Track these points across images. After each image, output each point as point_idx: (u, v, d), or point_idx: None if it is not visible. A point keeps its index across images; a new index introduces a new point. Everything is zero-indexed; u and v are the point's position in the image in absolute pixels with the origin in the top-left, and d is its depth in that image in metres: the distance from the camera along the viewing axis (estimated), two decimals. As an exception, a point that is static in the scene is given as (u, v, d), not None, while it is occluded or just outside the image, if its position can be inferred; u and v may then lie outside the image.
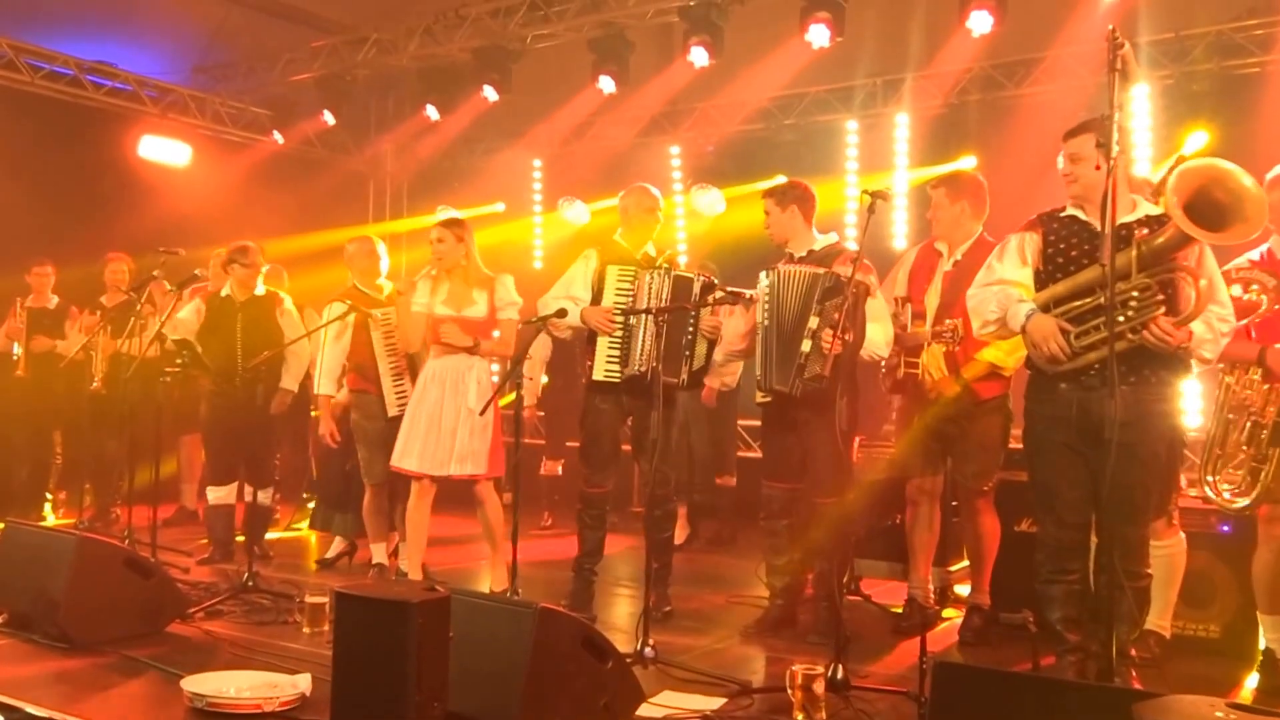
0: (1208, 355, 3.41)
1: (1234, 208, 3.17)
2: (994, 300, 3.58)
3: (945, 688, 2.52)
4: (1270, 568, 3.78)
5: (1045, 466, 3.57)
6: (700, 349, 4.66)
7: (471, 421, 4.88)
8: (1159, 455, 3.49)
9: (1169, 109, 6.79)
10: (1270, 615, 3.82)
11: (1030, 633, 3.23)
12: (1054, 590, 3.51)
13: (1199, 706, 2.02)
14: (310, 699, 3.41)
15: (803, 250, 4.53)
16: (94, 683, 3.69)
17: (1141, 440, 3.37)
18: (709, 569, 6.13)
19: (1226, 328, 3.42)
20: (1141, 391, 3.39)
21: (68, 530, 5.02)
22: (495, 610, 3.18)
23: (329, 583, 4.82)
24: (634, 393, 4.70)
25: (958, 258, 4.54)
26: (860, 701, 3.46)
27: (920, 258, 4.73)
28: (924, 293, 4.57)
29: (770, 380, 4.32)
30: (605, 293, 4.74)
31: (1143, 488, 3.44)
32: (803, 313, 4.24)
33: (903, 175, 7.96)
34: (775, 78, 7.94)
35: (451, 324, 4.95)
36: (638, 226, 4.93)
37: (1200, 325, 3.35)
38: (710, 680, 3.73)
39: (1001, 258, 3.65)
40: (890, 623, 4.78)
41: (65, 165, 8.10)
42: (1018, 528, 4.65)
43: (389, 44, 8.60)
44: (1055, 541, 3.52)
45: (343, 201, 9.86)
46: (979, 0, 6.32)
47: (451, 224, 5.19)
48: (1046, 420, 3.53)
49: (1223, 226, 3.18)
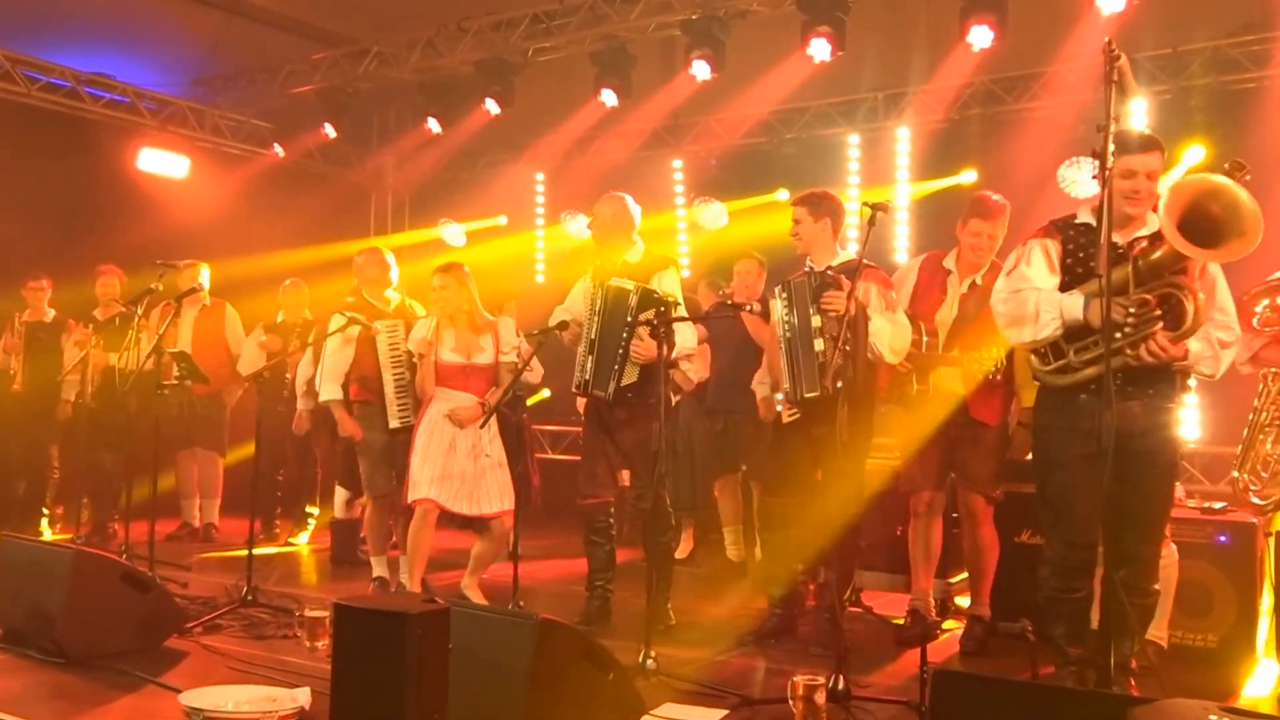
0: (1206, 371, 3.43)
1: (1230, 223, 3.16)
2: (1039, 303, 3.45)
3: (945, 696, 2.55)
4: None
5: (1060, 481, 3.51)
6: (629, 368, 4.70)
7: (490, 459, 5.13)
8: (1175, 465, 3.53)
9: (1166, 124, 6.83)
10: None
11: (1029, 642, 3.25)
12: (1059, 608, 3.50)
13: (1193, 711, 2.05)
14: (309, 713, 3.42)
15: (823, 265, 4.52)
16: (90, 697, 3.70)
17: (1161, 450, 3.42)
18: (711, 582, 6.14)
19: (1230, 337, 3.42)
20: (1159, 401, 3.43)
21: (65, 545, 5.04)
22: (495, 622, 3.21)
23: (329, 596, 4.85)
24: (615, 405, 4.77)
25: (976, 281, 4.56)
26: (861, 712, 3.49)
27: (925, 275, 4.74)
28: (934, 311, 4.60)
29: (800, 391, 4.29)
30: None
31: (1159, 498, 3.47)
32: (810, 316, 4.28)
33: (904, 189, 8.01)
34: (777, 91, 7.99)
35: (463, 410, 5.12)
36: (615, 235, 4.98)
37: (1198, 342, 3.36)
38: (712, 691, 3.76)
39: (1029, 263, 3.56)
40: (892, 634, 4.80)
41: (63, 178, 8.13)
42: (1016, 539, 4.70)
43: (390, 57, 8.66)
44: (1063, 560, 3.49)
45: (344, 215, 9.90)
46: (979, 15, 6.38)
47: (451, 269, 5.31)
48: (1063, 433, 3.47)
49: (1219, 243, 3.17)
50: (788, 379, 4.37)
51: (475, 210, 9.83)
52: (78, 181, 8.28)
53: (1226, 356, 3.45)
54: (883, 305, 4.34)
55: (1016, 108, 7.55)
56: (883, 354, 4.31)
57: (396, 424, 5.47)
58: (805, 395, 4.27)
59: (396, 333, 5.54)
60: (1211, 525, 4.39)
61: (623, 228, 4.99)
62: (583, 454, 5.08)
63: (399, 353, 5.51)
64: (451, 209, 9.93)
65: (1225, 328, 3.43)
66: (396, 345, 5.52)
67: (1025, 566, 4.44)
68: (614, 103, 7.85)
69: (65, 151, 8.24)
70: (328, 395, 5.63)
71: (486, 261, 9.25)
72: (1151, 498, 3.42)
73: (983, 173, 7.45)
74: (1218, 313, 3.42)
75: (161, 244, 7.34)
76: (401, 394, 5.51)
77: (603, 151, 9.19)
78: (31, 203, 7.86)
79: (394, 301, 5.82)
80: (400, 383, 5.52)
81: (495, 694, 3.00)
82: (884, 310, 4.34)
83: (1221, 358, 3.44)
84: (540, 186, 9.85)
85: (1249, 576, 4.32)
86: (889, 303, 4.36)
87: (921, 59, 7.88)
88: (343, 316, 5.54)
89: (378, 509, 5.66)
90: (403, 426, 5.46)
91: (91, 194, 8.37)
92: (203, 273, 7.26)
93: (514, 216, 9.80)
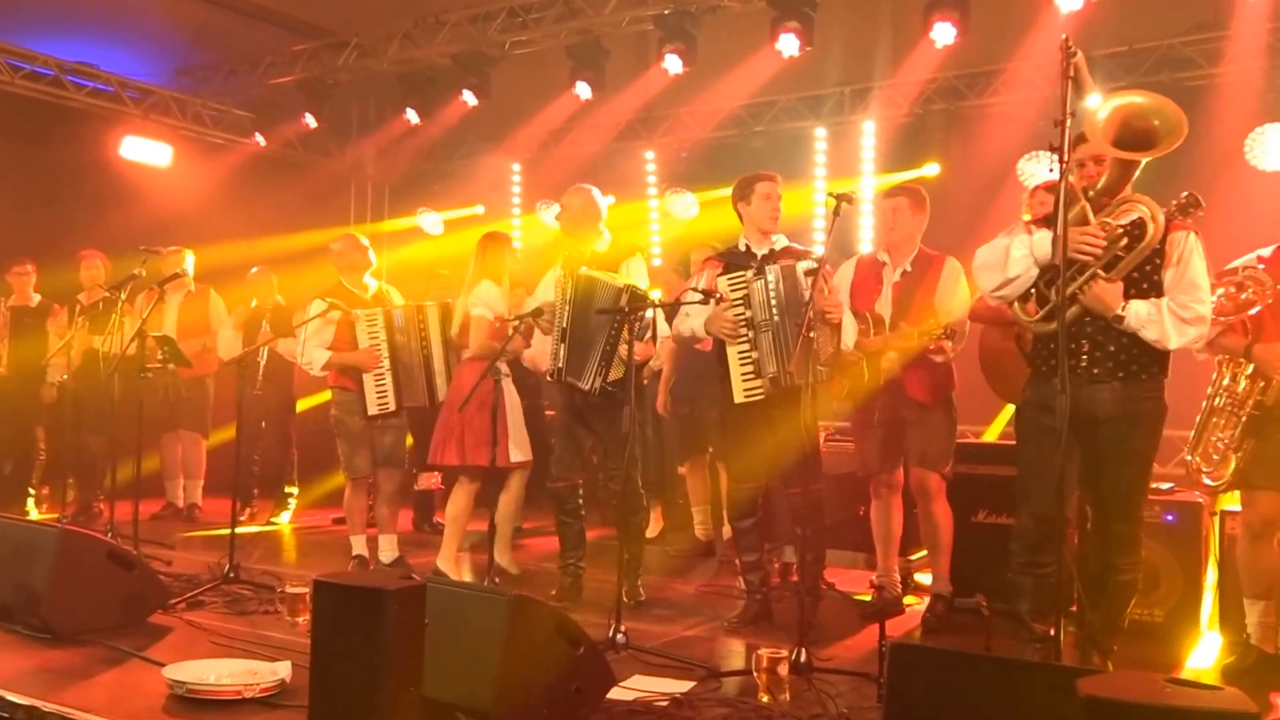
0: (1152, 336, 3.34)
1: (1160, 130, 3.24)
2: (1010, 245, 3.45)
3: (901, 668, 2.58)
4: (1246, 553, 3.88)
5: (1030, 451, 3.54)
6: (616, 365, 4.64)
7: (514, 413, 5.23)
8: (1145, 452, 3.48)
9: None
10: (1252, 600, 3.90)
11: (984, 616, 3.29)
12: (1026, 582, 3.49)
13: (1141, 681, 2.09)
14: (290, 686, 3.41)
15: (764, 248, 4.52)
16: (76, 672, 3.68)
17: (1130, 435, 3.40)
18: (679, 560, 6.17)
19: (1189, 314, 3.33)
20: (1132, 388, 3.41)
21: (51, 524, 4.99)
22: (470, 598, 3.21)
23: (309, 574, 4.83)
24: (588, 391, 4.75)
25: (906, 269, 4.64)
26: (822, 683, 3.51)
27: (861, 270, 4.77)
28: (872, 304, 4.63)
29: (784, 376, 4.19)
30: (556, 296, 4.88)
31: (1128, 487, 3.46)
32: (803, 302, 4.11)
33: (869, 181, 8.05)
34: (747, 86, 8.00)
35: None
36: (584, 225, 4.97)
37: (1146, 305, 3.34)
38: (679, 664, 3.79)
39: (1010, 233, 3.57)
40: (855, 610, 4.85)
41: (46, 165, 8.02)
42: (972, 519, 4.74)
43: (370, 48, 8.59)
44: (1030, 534, 3.48)
45: (324, 204, 9.81)
46: (942, 12, 6.41)
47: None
48: (1036, 407, 3.50)
49: (1153, 145, 3.24)
50: (770, 359, 4.26)
51: (453, 199, 9.78)
52: (62, 169, 8.17)
53: (1181, 331, 3.35)
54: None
55: (978, 103, 7.59)
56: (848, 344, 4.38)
57: (375, 411, 5.44)
58: (793, 380, 4.11)
59: (375, 321, 5.50)
60: (1159, 505, 4.44)
61: (590, 218, 4.98)
62: (554, 437, 5.07)
63: (378, 341, 5.48)
64: (430, 198, 9.88)
65: (1185, 306, 3.34)
66: (375, 334, 5.48)
67: (981, 546, 4.53)
68: (588, 95, 7.85)
69: (49, 139, 8.14)
70: (320, 360, 5.49)
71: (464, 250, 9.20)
72: (1120, 479, 3.41)
73: (945, 166, 7.49)
74: (1184, 292, 3.34)
75: (145, 231, 7.28)
76: (380, 382, 5.47)
77: (577, 143, 9.16)
78: (16, 189, 7.76)
79: (371, 288, 5.77)
80: (378, 371, 5.48)
81: (470, 667, 3.00)
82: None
83: (1171, 330, 3.33)
84: (516, 176, 9.82)
85: (1194, 554, 4.40)
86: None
87: (886, 55, 7.92)
88: (323, 302, 5.50)
89: (356, 490, 5.64)
90: (380, 414, 5.43)
91: (76, 181, 8.27)
92: (187, 259, 7.21)
93: (491, 206, 9.76)
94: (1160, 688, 2.04)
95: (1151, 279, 3.40)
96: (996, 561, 3.75)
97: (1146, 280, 3.40)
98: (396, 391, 5.48)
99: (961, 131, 7.55)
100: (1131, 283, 3.40)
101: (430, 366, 5.52)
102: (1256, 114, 6.59)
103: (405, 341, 5.51)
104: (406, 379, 5.50)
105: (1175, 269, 3.38)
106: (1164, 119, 3.26)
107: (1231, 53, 6.75)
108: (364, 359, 5.45)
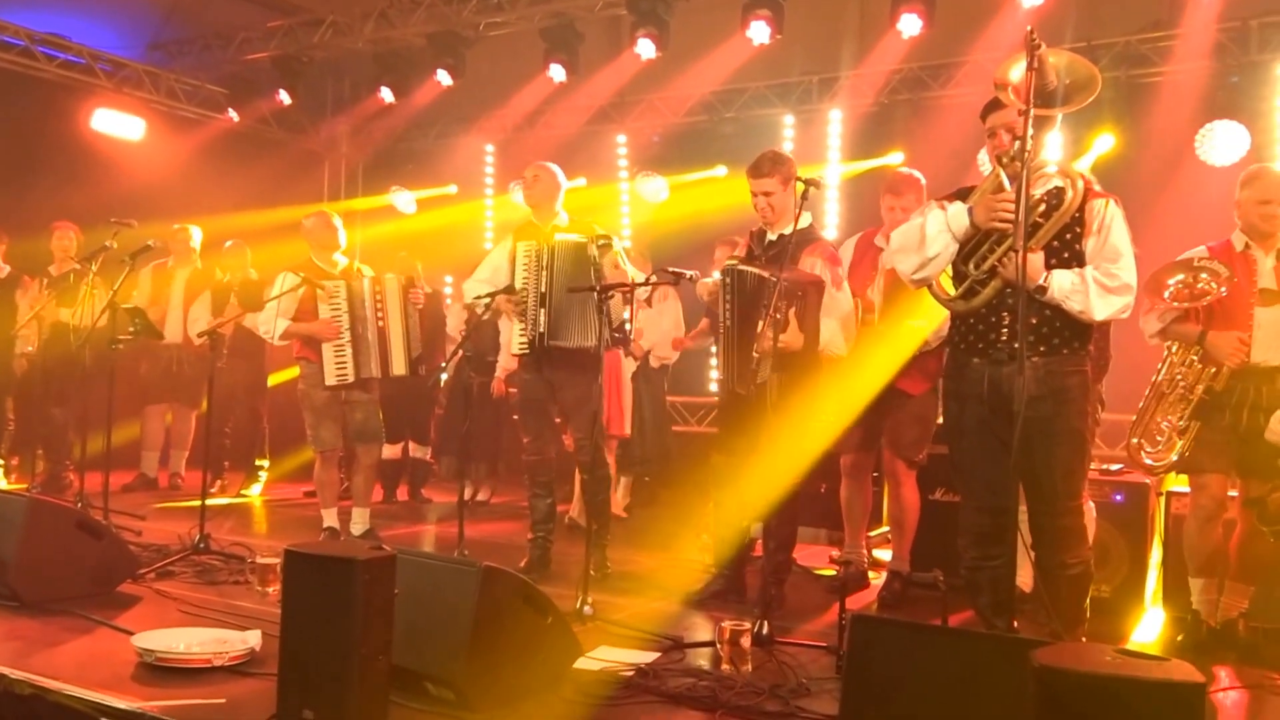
0: (1076, 307, 3.18)
1: (1070, 87, 3.17)
2: (924, 223, 3.30)
3: (860, 640, 2.58)
4: (1194, 533, 3.91)
5: (963, 448, 3.40)
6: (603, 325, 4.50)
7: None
8: (1078, 430, 3.26)
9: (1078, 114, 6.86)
10: (1196, 578, 3.94)
11: (940, 591, 3.32)
12: (979, 577, 3.33)
13: (1091, 651, 2.11)
14: (259, 654, 3.37)
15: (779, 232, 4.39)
16: (44, 639, 3.61)
17: (1058, 414, 3.19)
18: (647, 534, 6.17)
19: (1113, 284, 3.17)
20: (1054, 364, 3.22)
21: (19, 493, 4.89)
22: (441, 569, 3.17)
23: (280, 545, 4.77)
24: (552, 364, 4.74)
25: None
26: (783, 654, 3.53)
27: (858, 253, 4.76)
28: (866, 287, 4.62)
29: (732, 383, 4.17)
30: (515, 271, 4.81)
31: (1065, 468, 3.23)
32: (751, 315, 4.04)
33: (835, 168, 8.08)
34: (718, 72, 7.98)
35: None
36: (549, 201, 4.95)
37: (1070, 276, 3.18)
38: (644, 635, 3.79)
39: (923, 213, 3.44)
40: (817, 584, 4.88)
41: (15, 136, 7.82)
42: (930, 497, 4.80)
43: (345, 26, 8.46)
44: (976, 528, 3.31)
45: (297, 180, 9.67)
46: (909, 4, 6.44)
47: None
48: (960, 399, 3.37)
49: (1068, 102, 3.17)
50: (722, 366, 4.32)
51: (426, 179, 9.69)
52: (32, 140, 7.97)
53: (1107, 301, 3.18)
54: (830, 278, 4.26)
55: (941, 94, 7.63)
56: (839, 353, 4.28)
57: (333, 381, 5.37)
58: (736, 389, 4.14)
59: (338, 295, 5.43)
60: (1108, 485, 4.52)
61: (553, 196, 4.97)
62: (522, 412, 5.04)
63: (339, 312, 5.41)
64: (403, 177, 9.77)
65: (1110, 274, 3.17)
66: (337, 305, 5.42)
67: (938, 523, 4.57)
68: (562, 78, 7.79)
69: (19, 110, 7.92)
70: (279, 329, 5.39)
71: (436, 228, 9.15)
72: (1055, 458, 3.19)
73: (909, 154, 7.51)
74: (1107, 260, 3.20)
75: (116, 204, 7.08)
76: (339, 353, 5.39)
77: (550, 125, 9.10)
78: (-17, 160, 7.57)
79: (340, 265, 5.70)
80: (338, 343, 5.41)
81: (440, 637, 2.98)
82: (833, 290, 4.24)
83: (1096, 300, 3.16)
84: (490, 157, 9.74)
85: (1141, 533, 4.47)
86: (835, 278, 4.30)
87: (853, 45, 7.94)
88: (294, 276, 5.42)
89: (326, 463, 5.57)
90: (339, 384, 5.38)
91: (46, 153, 8.05)
92: (194, 235, 7.07)
93: (464, 185, 9.67)
94: (1110, 659, 2.06)
95: (1073, 248, 3.24)
96: (954, 538, 3.72)
97: (1068, 249, 3.24)
98: (356, 363, 5.42)
99: (924, 121, 7.57)
100: (1052, 252, 3.24)
101: (386, 339, 5.47)
102: (1207, 111, 6.67)
103: (364, 314, 5.46)
104: (365, 350, 5.44)
105: (1096, 237, 3.22)
106: (1074, 75, 3.16)
107: (1181, 51, 6.83)
108: (321, 329, 5.38)
